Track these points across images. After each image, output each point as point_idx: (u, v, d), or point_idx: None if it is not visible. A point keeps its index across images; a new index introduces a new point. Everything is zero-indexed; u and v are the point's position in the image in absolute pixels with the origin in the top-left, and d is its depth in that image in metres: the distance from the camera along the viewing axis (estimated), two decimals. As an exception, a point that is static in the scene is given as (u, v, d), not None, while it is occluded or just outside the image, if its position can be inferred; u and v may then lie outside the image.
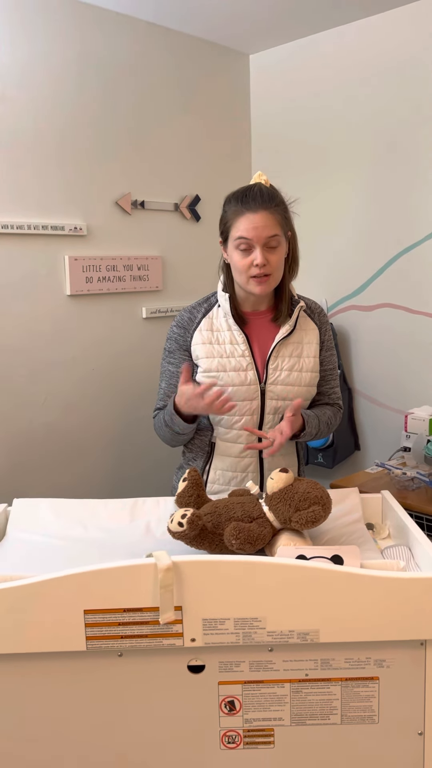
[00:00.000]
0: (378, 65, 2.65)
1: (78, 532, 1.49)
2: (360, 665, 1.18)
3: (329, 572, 1.12)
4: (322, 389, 1.71)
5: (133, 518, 1.55)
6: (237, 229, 1.52)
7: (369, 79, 2.68)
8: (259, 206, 1.50)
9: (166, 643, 1.15)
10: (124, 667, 1.17)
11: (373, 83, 2.67)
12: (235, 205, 1.53)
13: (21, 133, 2.29)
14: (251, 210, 1.50)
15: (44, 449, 2.47)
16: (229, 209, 1.55)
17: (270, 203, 1.51)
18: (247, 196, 1.53)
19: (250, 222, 1.50)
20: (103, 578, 1.13)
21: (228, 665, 1.18)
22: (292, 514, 1.30)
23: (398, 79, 2.60)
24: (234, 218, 1.53)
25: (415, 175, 2.59)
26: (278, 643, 1.15)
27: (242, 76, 3.03)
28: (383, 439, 2.83)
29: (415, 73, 2.54)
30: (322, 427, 1.65)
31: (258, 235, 1.50)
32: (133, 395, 2.69)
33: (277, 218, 1.52)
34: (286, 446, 1.67)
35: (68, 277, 2.41)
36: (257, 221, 1.50)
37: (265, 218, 1.50)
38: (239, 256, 1.53)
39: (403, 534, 1.41)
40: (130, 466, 2.74)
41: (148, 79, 2.65)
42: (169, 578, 1.12)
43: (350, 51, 2.73)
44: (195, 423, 1.60)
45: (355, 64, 2.72)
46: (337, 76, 2.78)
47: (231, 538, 1.27)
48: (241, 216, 1.51)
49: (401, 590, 1.12)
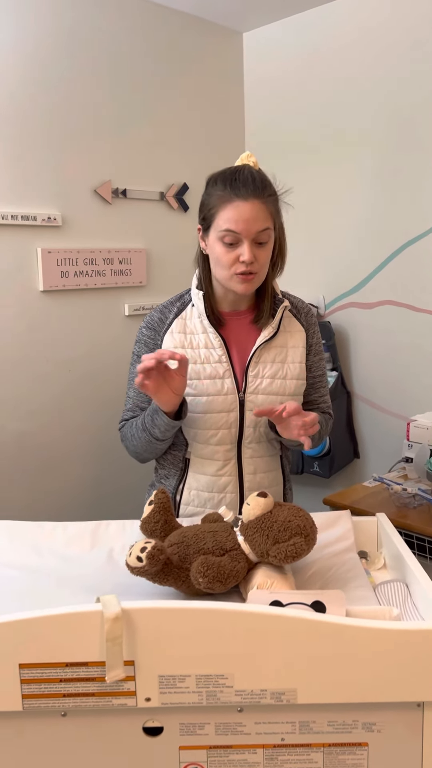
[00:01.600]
0: (381, 41, 2.45)
1: (32, 560, 1.33)
2: (346, 729, 1.00)
3: (308, 622, 0.95)
4: (311, 398, 1.53)
5: (94, 544, 1.38)
6: (223, 218, 1.32)
7: (371, 58, 2.49)
8: (251, 194, 1.31)
9: (116, 702, 0.98)
10: (69, 729, 1.00)
11: (376, 61, 2.48)
12: (222, 188, 1.33)
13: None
14: (241, 197, 1.30)
15: (14, 459, 2.29)
16: (214, 193, 1.35)
17: (263, 191, 1.32)
18: (236, 180, 1.32)
19: (240, 213, 1.31)
20: (40, 627, 0.96)
21: (190, 727, 1.00)
22: (270, 546, 1.12)
23: (403, 56, 2.40)
24: (220, 205, 1.33)
25: (422, 159, 2.40)
26: (249, 704, 0.98)
27: (235, 56, 2.84)
28: (384, 446, 2.65)
29: (420, 50, 2.35)
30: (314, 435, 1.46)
31: (248, 228, 1.31)
32: (115, 400, 2.51)
33: (269, 209, 1.33)
34: (269, 462, 1.49)
35: (41, 271, 2.23)
36: (248, 212, 1.30)
37: (256, 209, 1.31)
38: (223, 249, 1.35)
39: (400, 566, 1.24)
40: (111, 478, 2.55)
41: (132, 57, 2.47)
42: (117, 629, 0.94)
43: (351, 26, 2.53)
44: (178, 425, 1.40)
45: (356, 40, 2.53)
46: (337, 55, 2.59)
47: (198, 575, 1.10)
48: (228, 203, 1.32)
49: (393, 644, 0.95)
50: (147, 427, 1.41)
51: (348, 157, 2.62)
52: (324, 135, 2.68)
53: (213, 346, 1.43)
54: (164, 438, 1.41)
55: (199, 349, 1.44)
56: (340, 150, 2.64)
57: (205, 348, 1.43)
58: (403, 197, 2.47)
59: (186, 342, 1.44)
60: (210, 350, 1.43)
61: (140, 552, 1.10)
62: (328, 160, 2.69)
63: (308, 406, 1.54)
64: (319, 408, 1.55)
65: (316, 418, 1.30)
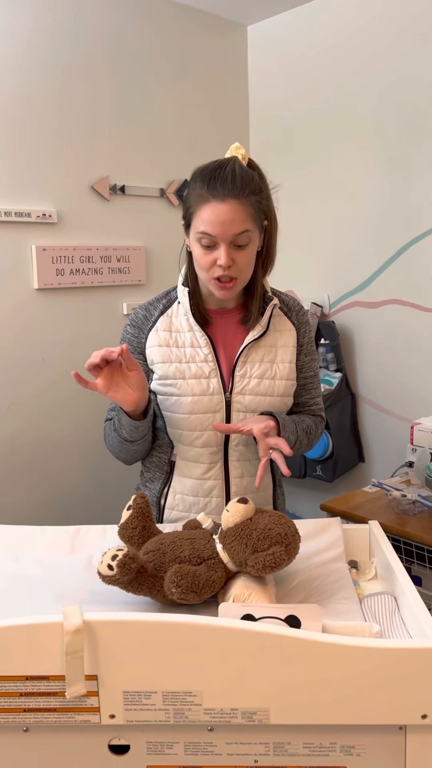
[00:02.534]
0: (387, 33, 2.39)
1: (8, 566, 1.28)
2: (323, 752, 0.94)
3: (280, 638, 0.89)
4: (302, 399, 1.47)
5: (73, 549, 1.33)
6: (200, 219, 1.27)
7: (377, 49, 2.43)
8: (228, 193, 1.24)
9: (79, 719, 0.93)
10: (32, 745, 0.96)
11: (381, 53, 2.42)
12: (201, 186, 1.27)
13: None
14: (218, 198, 1.24)
15: (7, 459, 2.25)
16: (193, 191, 1.29)
17: (242, 191, 1.24)
18: (215, 179, 1.25)
19: (215, 214, 1.24)
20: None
21: (158, 746, 0.95)
22: (249, 556, 1.07)
23: (408, 48, 2.33)
24: (197, 205, 1.27)
25: (429, 155, 2.33)
26: (219, 723, 0.92)
27: (239, 49, 2.78)
28: (390, 450, 2.57)
29: (428, 41, 2.28)
30: (300, 435, 1.40)
31: (223, 231, 1.25)
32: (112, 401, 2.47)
33: (248, 210, 1.26)
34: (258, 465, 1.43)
35: (35, 269, 2.20)
36: (224, 214, 1.24)
37: (233, 210, 1.24)
38: (201, 251, 1.29)
39: (391, 577, 1.17)
40: (105, 479, 2.51)
41: (132, 50, 2.42)
42: (78, 642, 0.89)
43: (356, 17, 2.47)
44: (144, 424, 1.34)
45: (361, 32, 2.46)
46: (343, 47, 2.52)
47: (171, 585, 1.04)
48: (205, 204, 1.25)
49: (373, 663, 0.89)
50: (116, 427, 1.36)
51: (353, 152, 2.55)
52: (329, 129, 2.62)
53: (199, 345, 1.38)
54: (133, 439, 1.35)
55: (184, 348, 1.38)
56: (345, 145, 2.58)
57: (190, 347, 1.38)
58: (409, 193, 2.40)
59: (171, 340, 1.39)
60: (196, 349, 1.38)
61: (111, 560, 1.05)
62: (333, 155, 2.62)
63: (299, 408, 1.48)
64: (310, 410, 1.49)
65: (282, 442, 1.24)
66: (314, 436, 1.47)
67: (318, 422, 1.49)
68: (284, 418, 1.36)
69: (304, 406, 1.48)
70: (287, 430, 1.34)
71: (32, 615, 0.94)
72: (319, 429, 1.50)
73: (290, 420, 1.38)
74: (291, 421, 1.38)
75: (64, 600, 1.11)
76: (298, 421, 1.41)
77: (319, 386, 1.51)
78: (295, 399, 1.45)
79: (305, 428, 1.43)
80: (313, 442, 1.48)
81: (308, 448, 1.47)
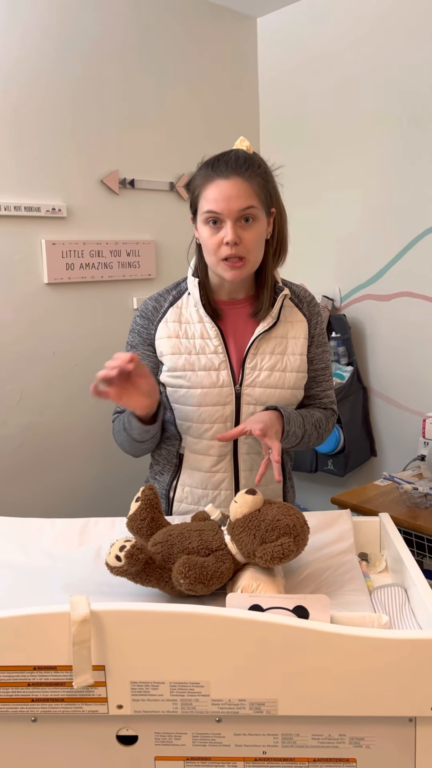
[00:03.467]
0: (398, 25, 2.36)
1: (18, 558, 1.28)
2: (332, 743, 0.94)
3: (288, 628, 0.88)
4: (312, 392, 1.45)
5: (82, 542, 1.33)
6: (205, 199, 1.28)
7: (388, 41, 2.40)
8: (232, 171, 1.25)
9: (86, 709, 0.93)
10: (40, 735, 0.96)
11: (392, 45, 2.39)
12: (205, 170, 1.29)
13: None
14: (221, 176, 1.25)
15: (18, 454, 2.26)
16: (198, 176, 1.31)
17: (246, 169, 1.26)
18: (219, 161, 1.28)
19: (220, 190, 1.25)
20: (7, 627, 0.91)
21: (166, 737, 0.95)
22: (257, 547, 1.06)
23: (420, 40, 2.31)
24: (201, 186, 1.29)
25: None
26: (227, 714, 0.92)
27: (249, 41, 2.77)
28: (402, 444, 2.55)
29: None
30: (308, 429, 1.38)
31: (229, 206, 1.25)
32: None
33: (252, 187, 1.26)
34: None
35: (45, 263, 2.20)
36: (228, 189, 1.25)
37: (237, 186, 1.25)
38: (208, 232, 1.29)
39: (401, 569, 1.16)
40: (116, 473, 2.51)
41: (142, 43, 2.41)
42: (85, 632, 0.89)
43: (367, 9, 2.44)
44: (154, 427, 1.34)
45: (372, 24, 2.44)
46: (354, 38, 2.50)
47: (179, 576, 1.04)
48: (209, 183, 1.27)
49: (381, 654, 0.88)
50: (125, 427, 1.36)
51: (364, 144, 2.53)
52: (340, 121, 2.60)
53: (209, 337, 1.37)
54: (143, 440, 1.35)
55: (194, 339, 1.38)
56: (356, 136, 2.55)
57: (200, 338, 1.37)
58: (420, 185, 2.38)
59: (181, 332, 1.38)
60: (206, 341, 1.37)
61: (119, 551, 1.04)
62: (344, 146, 2.60)
63: (309, 400, 1.46)
64: (321, 403, 1.47)
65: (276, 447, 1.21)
66: (324, 430, 1.45)
67: (329, 416, 1.47)
68: (290, 413, 1.34)
69: (315, 398, 1.46)
70: (293, 424, 1.32)
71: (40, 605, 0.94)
72: (330, 423, 1.47)
73: (297, 414, 1.36)
74: (298, 415, 1.36)
75: (72, 591, 1.11)
76: (306, 415, 1.39)
77: (331, 379, 1.49)
78: (306, 391, 1.44)
79: (314, 422, 1.41)
80: (324, 437, 1.46)
81: (318, 443, 1.45)
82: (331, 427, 1.48)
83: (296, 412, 1.36)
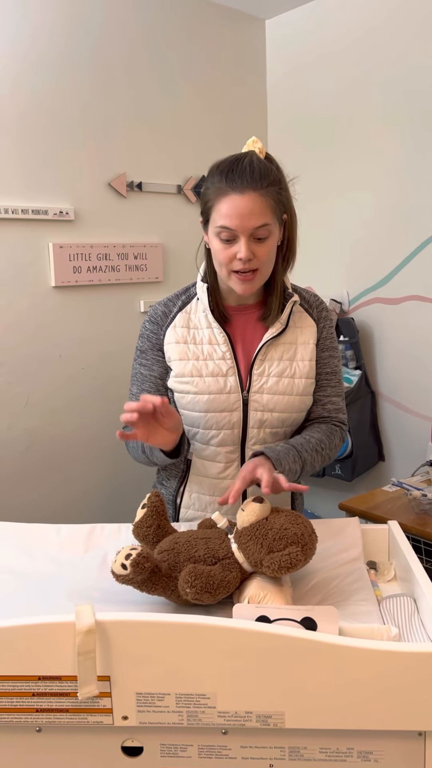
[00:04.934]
0: (407, 25, 2.35)
1: (22, 563, 1.27)
2: (339, 757, 0.92)
3: (296, 640, 0.87)
4: (315, 396, 1.41)
5: (88, 548, 1.32)
6: (219, 213, 1.25)
7: (397, 42, 2.39)
8: (247, 186, 1.22)
9: (91, 720, 0.92)
10: (44, 746, 0.95)
11: (401, 46, 2.38)
12: (219, 180, 1.25)
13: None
14: (237, 190, 1.22)
15: (24, 458, 2.26)
16: (211, 185, 1.27)
17: (261, 182, 1.23)
18: (233, 171, 1.24)
19: (235, 207, 1.22)
20: (11, 637, 0.90)
21: (172, 749, 0.94)
22: (264, 556, 1.05)
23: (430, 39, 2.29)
24: (215, 198, 1.26)
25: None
26: (233, 726, 0.91)
27: (257, 43, 2.76)
28: (411, 449, 2.54)
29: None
30: (307, 457, 1.30)
31: (243, 224, 1.23)
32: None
33: (268, 202, 1.24)
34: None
35: (53, 266, 2.19)
36: (243, 206, 1.22)
37: (253, 202, 1.22)
38: (220, 246, 1.27)
39: (410, 578, 1.14)
40: (122, 477, 2.50)
41: (149, 44, 2.41)
42: (90, 642, 0.88)
43: (376, 10, 2.43)
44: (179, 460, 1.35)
45: (381, 24, 2.42)
46: (362, 39, 2.49)
47: (185, 585, 1.03)
48: (223, 197, 1.24)
49: (391, 667, 0.87)
50: (147, 453, 1.35)
51: (373, 146, 2.52)
52: (349, 123, 2.58)
53: (217, 342, 1.36)
54: (164, 466, 1.36)
55: (202, 345, 1.36)
56: (365, 138, 2.54)
57: (208, 344, 1.36)
58: (430, 186, 2.36)
59: (189, 337, 1.37)
60: (214, 346, 1.36)
61: (125, 559, 1.03)
62: (352, 148, 2.59)
63: (312, 406, 1.41)
64: (325, 410, 1.41)
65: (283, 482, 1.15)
66: (329, 449, 1.37)
67: (332, 431, 1.39)
68: (278, 452, 1.26)
69: (317, 404, 1.41)
70: (285, 463, 1.25)
71: (45, 614, 0.93)
72: (335, 438, 1.40)
73: (287, 449, 1.28)
74: (289, 449, 1.28)
75: (77, 598, 1.10)
76: (301, 444, 1.31)
77: (339, 386, 1.43)
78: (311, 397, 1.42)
79: (314, 446, 1.33)
80: (332, 455, 1.39)
81: (326, 462, 1.38)
82: (339, 443, 1.41)
83: (288, 447, 1.29)
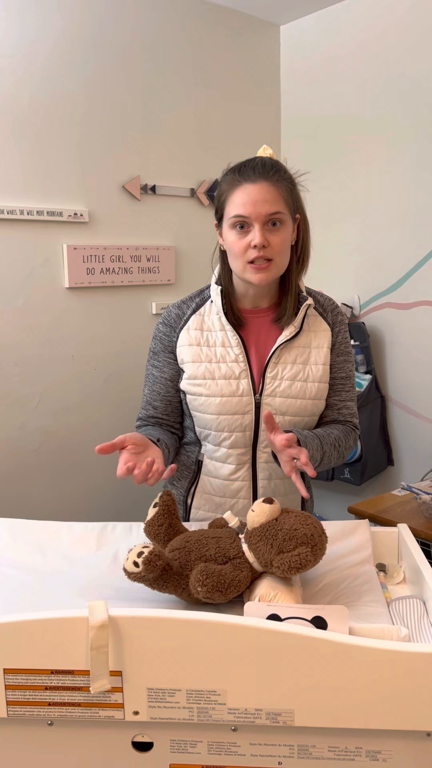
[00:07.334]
0: (420, 31, 2.35)
1: (35, 560, 1.29)
2: (348, 756, 0.93)
3: (306, 639, 0.88)
4: (330, 401, 1.42)
5: (99, 546, 1.33)
6: (232, 203, 1.28)
7: (410, 48, 2.39)
8: (259, 176, 1.26)
9: (103, 714, 0.93)
10: (56, 739, 0.96)
11: (415, 52, 2.38)
12: (232, 176, 1.30)
13: (16, 108, 2.11)
14: (249, 180, 1.26)
15: (37, 457, 2.28)
16: (224, 182, 1.32)
17: (273, 174, 1.27)
18: (245, 167, 1.29)
19: (248, 195, 1.26)
20: (25, 631, 0.92)
21: (182, 744, 0.95)
22: (274, 556, 1.06)
23: (444, 48, 2.30)
24: (229, 191, 1.29)
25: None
26: (243, 723, 0.91)
27: (272, 49, 2.77)
28: (420, 453, 2.54)
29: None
30: (327, 450, 1.33)
31: (257, 210, 1.25)
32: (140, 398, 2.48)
33: (280, 191, 1.27)
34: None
35: (67, 267, 2.22)
36: (256, 194, 1.25)
37: (265, 190, 1.26)
38: (235, 236, 1.29)
39: (419, 581, 1.15)
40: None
41: (165, 49, 2.43)
42: (103, 638, 0.89)
43: (389, 16, 2.44)
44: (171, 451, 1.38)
45: (394, 30, 2.43)
46: (376, 45, 2.50)
47: (196, 583, 1.04)
48: (237, 188, 1.28)
49: (400, 667, 0.87)
50: None
51: (386, 151, 2.53)
52: (362, 128, 2.59)
53: (230, 345, 1.37)
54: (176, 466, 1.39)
55: (215, 348, 1.37)
56: (378, 143, 2.55)
57: (221, 346, 1.37)
58: (443, 193, 2.37)
59: (202, 339, 1.38)
60: (227, 349, 1.37)
61: (137, 557, 1.05)
62: (365, 153, 2.60)
63: (327, 410, 1.43)
64: (340, 414, 1.43)
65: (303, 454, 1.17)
66: (345, 448, 1.39)
67: (348, 432, 1.41)
68: (306, 435, 1.29)
69: (332, 408, 1.42)
70: (311, 448, 1.27)
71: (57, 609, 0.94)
72: (351, 439, 1.42)
73: (314, 436, 1.31)
74: (315, 437, 1.31)
75: (88, 595, 1.12)
76: (323, 436, 1.34)
77: (352, 391, 1.44)
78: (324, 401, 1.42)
79: (332, 441, 1.35)
80: (345, 455, 1.40)
81: (340, 461, 1.40)
82: (353, 444, 1.43)
83: (313, 434, 1.32)
